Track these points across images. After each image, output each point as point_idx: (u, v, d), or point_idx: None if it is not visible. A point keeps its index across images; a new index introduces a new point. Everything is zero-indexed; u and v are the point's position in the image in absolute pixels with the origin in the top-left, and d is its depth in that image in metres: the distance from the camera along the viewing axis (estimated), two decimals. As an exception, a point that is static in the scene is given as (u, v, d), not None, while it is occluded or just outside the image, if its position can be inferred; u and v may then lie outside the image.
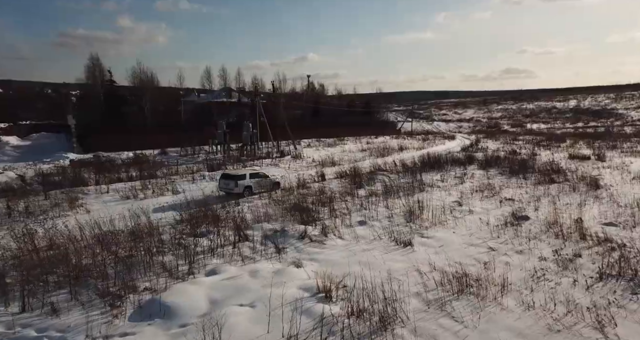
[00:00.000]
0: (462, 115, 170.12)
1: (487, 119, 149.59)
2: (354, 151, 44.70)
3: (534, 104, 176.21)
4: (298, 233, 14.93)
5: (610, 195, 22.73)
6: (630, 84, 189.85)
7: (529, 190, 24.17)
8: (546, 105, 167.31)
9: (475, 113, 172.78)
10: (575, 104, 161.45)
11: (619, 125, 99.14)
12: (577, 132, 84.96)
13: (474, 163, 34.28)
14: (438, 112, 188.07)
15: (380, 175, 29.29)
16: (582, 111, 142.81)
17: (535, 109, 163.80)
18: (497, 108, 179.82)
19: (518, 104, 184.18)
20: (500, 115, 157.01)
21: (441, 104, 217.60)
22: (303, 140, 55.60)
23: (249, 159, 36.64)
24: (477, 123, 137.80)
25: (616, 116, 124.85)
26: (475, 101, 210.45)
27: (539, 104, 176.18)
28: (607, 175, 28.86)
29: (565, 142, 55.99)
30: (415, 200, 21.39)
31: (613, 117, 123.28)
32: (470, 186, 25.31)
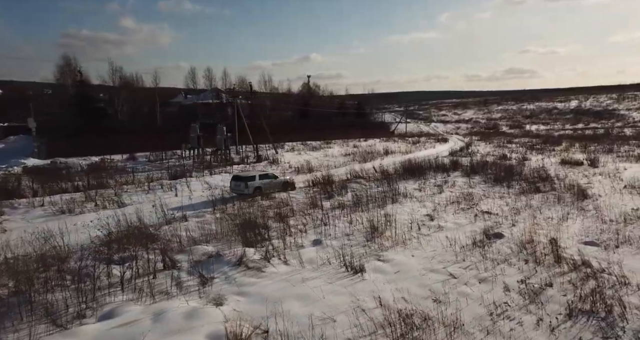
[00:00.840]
0: (462, 116, 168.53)
1: (486, 120, 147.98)
2: (336, 156, 43.11)
3: (534, 105, 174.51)
4: (236, 258, 13.29)
5: (597, 207, 21.15)
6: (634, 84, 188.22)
7: (510, 201, 22.60)
8: (547, 106, 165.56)
9: (475, 114, 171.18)
10: (576, 104, 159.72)
11: (619, 127, 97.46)
12: (576, 133, 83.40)
13: (458, 169, 32.69)
14: (437, 112, 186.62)
15: (355, 183, 27.72)
16: (583, 112, 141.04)
17: (536, 110, 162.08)
18: (498, 109, 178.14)
19: (519, 104, 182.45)
20: (499, 116, 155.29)
21: (442, 104, 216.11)
22: (288, 143, 54.04)
23: (221, 165, 34.94)
24: (475, 124, 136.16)
25: (617, 117, 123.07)
26: (475, 101, 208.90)
27: (540, 104, 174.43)
28: (597, 183, 27.30)
29: (560, 145, 54.48)
30: (383, 213, 19.90)
31: (614, 118, 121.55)
32: (449, 196, 23.74)
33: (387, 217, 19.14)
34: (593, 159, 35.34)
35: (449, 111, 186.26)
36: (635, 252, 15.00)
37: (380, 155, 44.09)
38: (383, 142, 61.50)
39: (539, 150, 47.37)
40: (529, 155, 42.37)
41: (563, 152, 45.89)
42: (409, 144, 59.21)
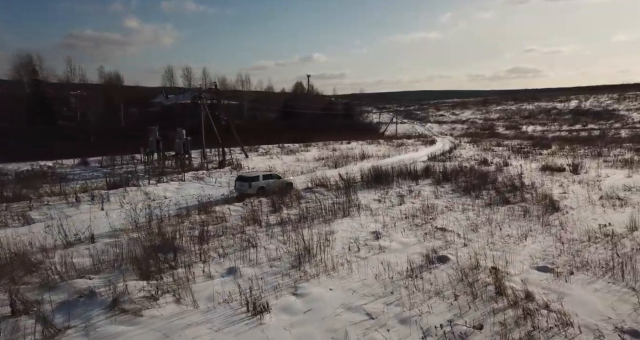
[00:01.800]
0: (459, 116, 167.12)
1: (483, 120, 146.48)
2: (309, 160, 41.38)
3: (534, 105, 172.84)
4: (113, 296, 11.42)
5: (564, 222, 19.45)
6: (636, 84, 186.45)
7: (472, 215, 20.93)
8: (546, 106, 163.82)
9: (473, 114, 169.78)
10: (576, 104, 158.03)
11: (617, 128, 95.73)
12: (571, 135, 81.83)
13: (430, 177, 30.99)
14: (436, 112, 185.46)
15: (313, 193, 26.04)
16: (582, 112, 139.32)
17: (535, 110, 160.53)
18: (496, 109, 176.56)
19: (518, 104, 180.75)
20: (497, 117, 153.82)
21: (442, 104, 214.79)
22: (264, 146, 52.39)
23: (176, 171, 33.04)
24: (472, 125, 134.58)
25: (617, 118, 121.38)
26: (474, 102, 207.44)
27: (539, 104, 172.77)
28: (573, 193, 25.59)
29: (550, 148, 52.84)
30: (328, 230, 18.31)
31: (613, 119, 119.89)
32: (407, 209, 22.06)
33: (330, 235, 17.58)
34: (576, 165, 33.60)
35: (447, 111, 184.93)
36: (589, 280, 13.31)
37: (355, 159, 42.38)
38: (366, 145, 59.83)
39: (525, 154, 45.67)
40: (511, 160, 40.65)
41: (549, 156, 44.20)
42: (392, 147, 57.48)
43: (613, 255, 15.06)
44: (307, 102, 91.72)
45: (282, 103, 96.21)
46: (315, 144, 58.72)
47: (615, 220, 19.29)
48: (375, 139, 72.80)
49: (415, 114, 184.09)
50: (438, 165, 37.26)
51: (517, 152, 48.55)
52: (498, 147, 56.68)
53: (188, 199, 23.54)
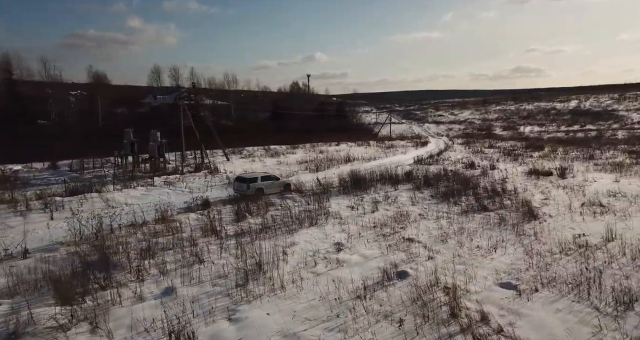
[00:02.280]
0: (458, 116, 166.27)
1: (481, 121, 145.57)
2: (291, 163, 40.44)
3: (533, 105, 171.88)
4: (13, 328, 9.99)
5: (539, 232, 18.56)
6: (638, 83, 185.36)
7: (445, 224, 20.06)
8: (545, 106, 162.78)
9: (472, 114, 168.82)
10: (575, 104, 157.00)
11: (615, 129, 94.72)
12: (568, 136, 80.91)
13: (411, 181, 30.09)
14: (435, 112, 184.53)
15: (285, 199, 25.16)
16: (581, 113, 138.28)
17: (534, 110, 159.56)
18: (496, 109, 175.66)
19: (517, 104, 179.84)
20: (496, 117, 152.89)
21: (442, 104, 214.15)
22: (249, 148, 51.53)
23: (148, 175, 31.97)
24: (469, 125, 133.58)
25: (616, 118, 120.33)
26: (475, 101, 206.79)
27: (539, 104, 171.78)
28: (555, 199, 24.68)
29: (542, 150, 51.92)
30: (289, 242, 17.44)
31: (612, 120, 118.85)
32: (380, 217, 21.22)
33: (289, 247, 16.71)
34: (563, 169, 32.70)
35: (446, 111, 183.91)
36: (553, 299, 12.43)
37: (340, 162, 41.46)
38: (355, 147, 58.91)
39: (515, 157, 44.74)
40: (499, 164, 39.73)
41: (540, 158, 43.28)
42: (382, 149, 56.57)
43: (583, 270, 14.19)
44: (301, 102, 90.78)
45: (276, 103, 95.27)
46: (303, 146, 57.79)
47: (593, 230, 18.41)
48: (367, 140, 71.83)
49: (414, 114, 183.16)
50: (422, 169, 36.36)
51: (508, 154, 47.63)
52: (490, 148, 55.75)
53: (151, 207, 22.61)
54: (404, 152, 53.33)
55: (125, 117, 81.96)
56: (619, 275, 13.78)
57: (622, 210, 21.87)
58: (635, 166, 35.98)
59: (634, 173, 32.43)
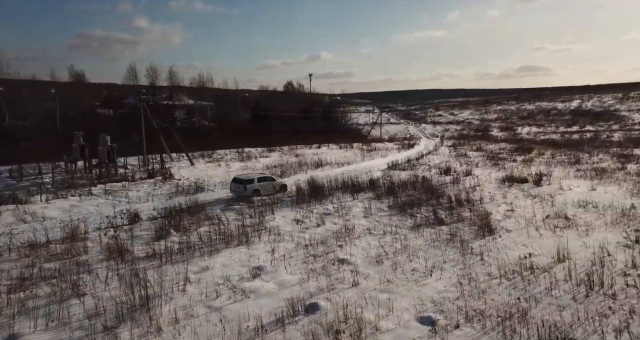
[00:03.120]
0: (457, 116, 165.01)
1: (480, 121, 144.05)
2: (258, 168, 38.87)
3: (534, 105, 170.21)
4: None
5: (487, 251, 17.11)
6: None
7: (390, 240, 18.65)
8: (547, 106, 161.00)
9: (472, 114, 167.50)
10: (577, 104, 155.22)
11: (613, 130, 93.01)
12: (564, 137, 79.29)
13: (375, 190, 28.64)
14: (435, 112, 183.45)
15: (227, 211, 23.72)
16: (582, 113, 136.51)
17: (535, 110, 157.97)
18: (496, 109, 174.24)
19: (519, 104, 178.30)
20: (495, 117, 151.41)
21: (443, 104, 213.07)
22: (221, 151, 50.15)
23: (90, 183, 30.20)
24: (467, 126, 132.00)
25: (617, 119, 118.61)
26: (477, 101, 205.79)
27: (540, 104, 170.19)
28: (520, 210, 23.25)
29: (531, 153, 50.36)
30: (203, 266, 15.87)
31: (613, 120, 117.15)
32: (322, 232, 19.80)
33: (200, 273, 15.14)
34: (539, 176, 31.22)
35: (445, 111, 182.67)
36: (473, 338, 10.94)
37: (310, 168, 39.97)
38: (336, 150, 57.44)
39: (498, 161, 43.18)
40: (477, 169, 38.25)
41: (523, 163, 41.72)
42: (363, 152, 55.10)
43: (518, 299, 12.75)
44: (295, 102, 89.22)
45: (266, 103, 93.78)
46: (280, 149, 56.29)
47: (546, 248, 17.00)
48: (355, 142, 70.37)
49: (414, 114, 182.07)
50: (394, 175, 34.93)
51: (491, 158, 46.07)
52: (477, 151, 54.19)
53: (73, 221, 21.06)
54: (384, 155, 51.82)
55: (109, 118, 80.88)
56: (554, 306, 12.34)
57: (586, 224, 20.40)
58: (619, 172, 34.43)
59: (614, 180, 30.91)
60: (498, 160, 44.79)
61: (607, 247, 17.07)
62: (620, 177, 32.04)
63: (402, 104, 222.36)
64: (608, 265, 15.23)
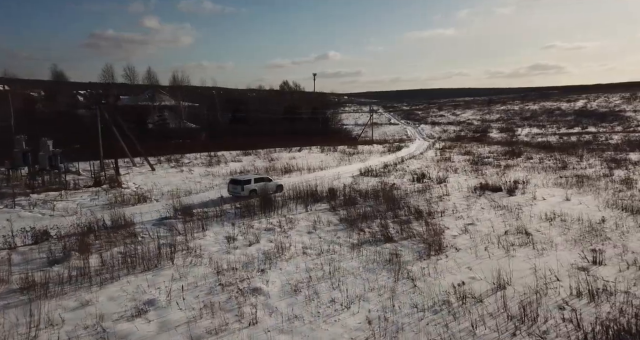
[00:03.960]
0: (459, 116, 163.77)
1: (480, 122, 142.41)
2: (222, 175, 37.20)
3: (538, 105, 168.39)
4: None
5: (426, 274, 15.50)
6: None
7: (323, 262, 17.05)
8: (550, 107, 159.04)
9: (474, 114, 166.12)
10: (582, 104, 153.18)
11: (613, 132, 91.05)
12: (561, 140, 77.39)
13: (333, 200, 27.06)
14: (437, 112, 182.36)
15: (159, 226, 22.13)
16: (587, 113, 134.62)
17: (538, 111, 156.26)
18: (499, 109, 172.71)
19: (523, 104, 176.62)
20: (496, 118, 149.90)
21: (447, 103, 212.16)
22: (190, 155, 48.72)
23: (25, 191, 28.44)
24: (466, 127, 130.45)
25: (621, 119, 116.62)
26: (482, 101, 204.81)
27: (544, 104, 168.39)
28: (482, 223, 21.61)
29: (519, 157, 48.70)
30: (85, 300, 13.78)
31: (617, 121, 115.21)
32: (252, 252, 18.29)
33: (75, 310, 13.16)
34: (514, 184, 29.59)
35: (448, 111, 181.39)
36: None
37: (279, 174, 38.39)
38: (317, 153, 55.91)
39: (480, 167, 41.51)
40: (455, 175, 36.64)
41: (505, 169, 40.05)
42: (344, 156, 53.54)
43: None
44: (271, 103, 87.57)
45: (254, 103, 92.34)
46: (257, 153, 54.72)
47: (492, 271, 15.33)
48: (338, 144, 68.81)
49: (415, 114, 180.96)
50: (361, 183, 33.39)
51: (476, 163, 44.38)
52: (465, 155, 52.55)
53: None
54: (365, 159, 50.26)
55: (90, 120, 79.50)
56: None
57: (546, 241, 18.79)
58: (603, 179, 32.72)
59: (594, 189, 29.24)
60: (482, 165, 43.12)
61: (559, 269, 15.48)
62: (602, 186, 30.37)
63: (407, 104, 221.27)
64: (551, 293, 13.62)
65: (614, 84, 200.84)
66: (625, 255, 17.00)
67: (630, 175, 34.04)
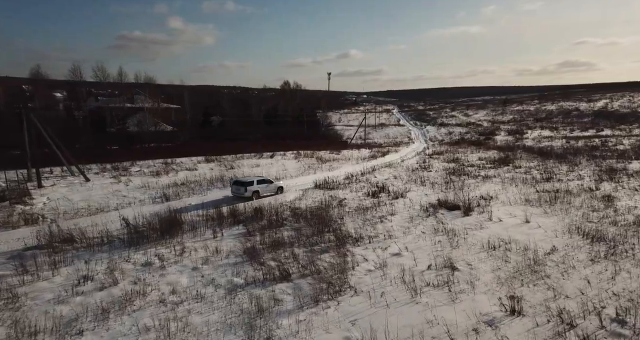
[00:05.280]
0: (471, 117, 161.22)
1: (490, 124, 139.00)
2: (159, 187, 34.62)
3: (556, 105, 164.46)
4: None
5: (295, 332, 12.90)
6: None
7: (179, 315, 14.42)
8: (569, 107, 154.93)
9: (487, 115, 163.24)
10: (603, 105, 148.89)
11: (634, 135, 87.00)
12: (568, 144, 73.86)
13: (257, 221, 24.54)
14: (448, 113, 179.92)
15: (17, 259, 19.33)
16: (606, 114, 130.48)
17: (554, 111, 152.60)
18: (514, 109, 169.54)
19: (540, 104, 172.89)
20: (508, 119, 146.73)
21: (467, 103, 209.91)
22: (149, 161, 46.54)
23: None
24: (473, 128, 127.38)
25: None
26: (498, 101, 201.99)
27: (563, 104, 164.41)
28: (410, 253, 18.97)
29: (508, 165, 45.70)
30: None
31: (638, 123, 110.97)
32: (94, 300, 15.54)
33: None
34: (478, 200, 26.87)
35: (460, 112, 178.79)
36: None
37: (225, 185, 35.86)
38: (289, 160, 53.36)
39: (455, 177, 38.64)
40: (420, 187, 33.90)
41: (482, 180, 37.11)
42: (315, 163, 50.92)
43: None
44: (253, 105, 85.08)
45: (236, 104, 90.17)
46: (221, 159, 52.21)
47: (370, 330, 12.64)
48: (322, 149, 66.27)
49: (427, 115, 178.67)
50: (307, 197, 30.88)
51: (453, 173, 41.45)
52: (450, 163, 49.61)
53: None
54: (336, 167, 47.64)
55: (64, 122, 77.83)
56: None
57: (470, 280, 16.02)
58: (583, 195, 29.71)
59: (566, 208, 26.30)
60: (460, 175, 40.19)
61: (462, 324, 12.79)
62: (577, 203, 27.38)
63: (424, 104, 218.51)
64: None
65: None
66: (555, 301, 14.23)
67: (617, 190, 30.98)
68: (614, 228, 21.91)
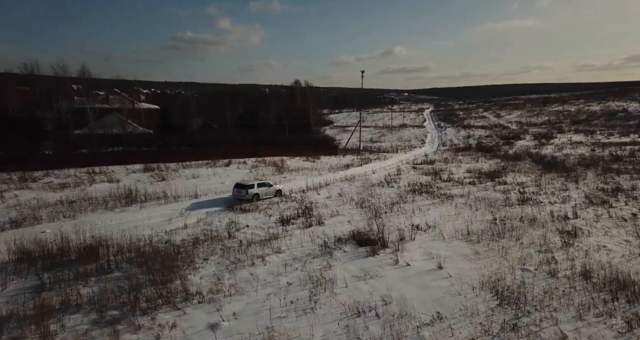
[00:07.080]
0: (501, 118, 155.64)
1: (518, 126, 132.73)
2: (35, 206, 30.72)
3: (602, 105, 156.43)
4: None
5: None
6: None
7: None
8: (615, 108, 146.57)
9: (519, 116, 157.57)
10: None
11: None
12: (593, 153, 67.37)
13: (84, 264, 20.30)
14: (480, 113, 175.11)
15: None
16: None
17: (598, 112, 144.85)
18: (552, 110, 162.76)
19: (584, 105, 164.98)
20: (542, 121, 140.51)
21: (511, 101, 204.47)
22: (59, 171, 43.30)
23: None
24: (499, 131, 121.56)
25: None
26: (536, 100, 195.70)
27: (609, 104, 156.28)
28: (238, 318, 14.44)
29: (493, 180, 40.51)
30: None
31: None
32: None
33: None
34: (388, 236, 22.10)
35: (492, 113, 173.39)
36: None
37: (122, 204, 31.72)
38: (240, 170, 49.28)
39: (412, 195, 33.80)
40: (348, 212, 29.23)
41: (441, 201, 32.16)
42: (274, 174, 46.83)
43: None
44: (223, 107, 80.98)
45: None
46: (163, 168, 48.05)
47: None
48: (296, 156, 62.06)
49: (455, 115, 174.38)
50: (196, 225, 26.60)
51: (413, 191, 36.50)
52: (425, 176, 44.65)
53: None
54: (288, 180, 43.31)
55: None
56: None
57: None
58: (546, 226, 24.47)
59: (509, 246, 21.26)
60: (422, 193, 35.22)
61: None
62: (530, 239, 22.23)
63: (462, 103, 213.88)
64: None
65: None
66: None
67: (597, 220, 25.64)
68: (545, 283, 16.82)
